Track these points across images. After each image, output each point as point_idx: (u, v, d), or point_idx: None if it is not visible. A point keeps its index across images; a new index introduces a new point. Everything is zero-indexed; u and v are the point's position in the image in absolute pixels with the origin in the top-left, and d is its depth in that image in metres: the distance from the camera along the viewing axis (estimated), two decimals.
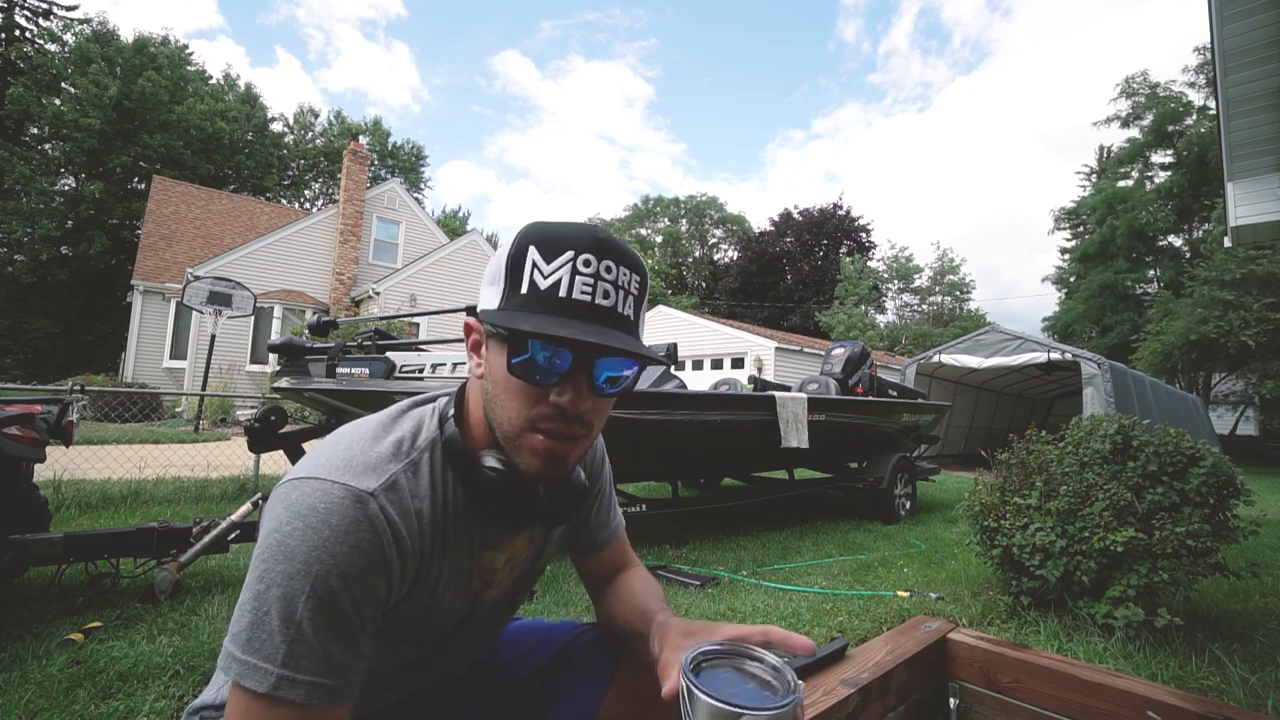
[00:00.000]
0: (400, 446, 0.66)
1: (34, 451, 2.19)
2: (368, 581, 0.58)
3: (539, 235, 0.62)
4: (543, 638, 0.93)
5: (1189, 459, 2.35)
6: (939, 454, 10.96)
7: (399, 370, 3.07)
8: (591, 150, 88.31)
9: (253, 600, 0.56)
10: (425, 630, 0.71)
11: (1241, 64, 3.80)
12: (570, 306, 0.60)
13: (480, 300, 0.67)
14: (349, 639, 0.58)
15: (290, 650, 0.54)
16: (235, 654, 0.55)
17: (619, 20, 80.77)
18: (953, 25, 78.12)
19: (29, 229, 21.82)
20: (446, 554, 0.69)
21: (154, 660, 1.79)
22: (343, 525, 0.57)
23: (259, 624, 0.55)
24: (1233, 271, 12.40)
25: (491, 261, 0.66)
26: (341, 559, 0.56)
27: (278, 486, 0.61)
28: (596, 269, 0.61)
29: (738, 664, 0.61)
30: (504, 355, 0.62)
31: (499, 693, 0.89)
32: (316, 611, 0.55)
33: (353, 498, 0.59)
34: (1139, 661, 2.01)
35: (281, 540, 0.56)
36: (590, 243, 0.61)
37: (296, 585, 0.55)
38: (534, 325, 0.58)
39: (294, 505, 0.58)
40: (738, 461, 4.63)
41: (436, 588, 0.69)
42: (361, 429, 0.68)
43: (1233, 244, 5.25)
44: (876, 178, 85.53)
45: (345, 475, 0.60)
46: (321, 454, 0.63)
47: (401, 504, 0.62)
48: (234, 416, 11.57)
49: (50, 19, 24.07)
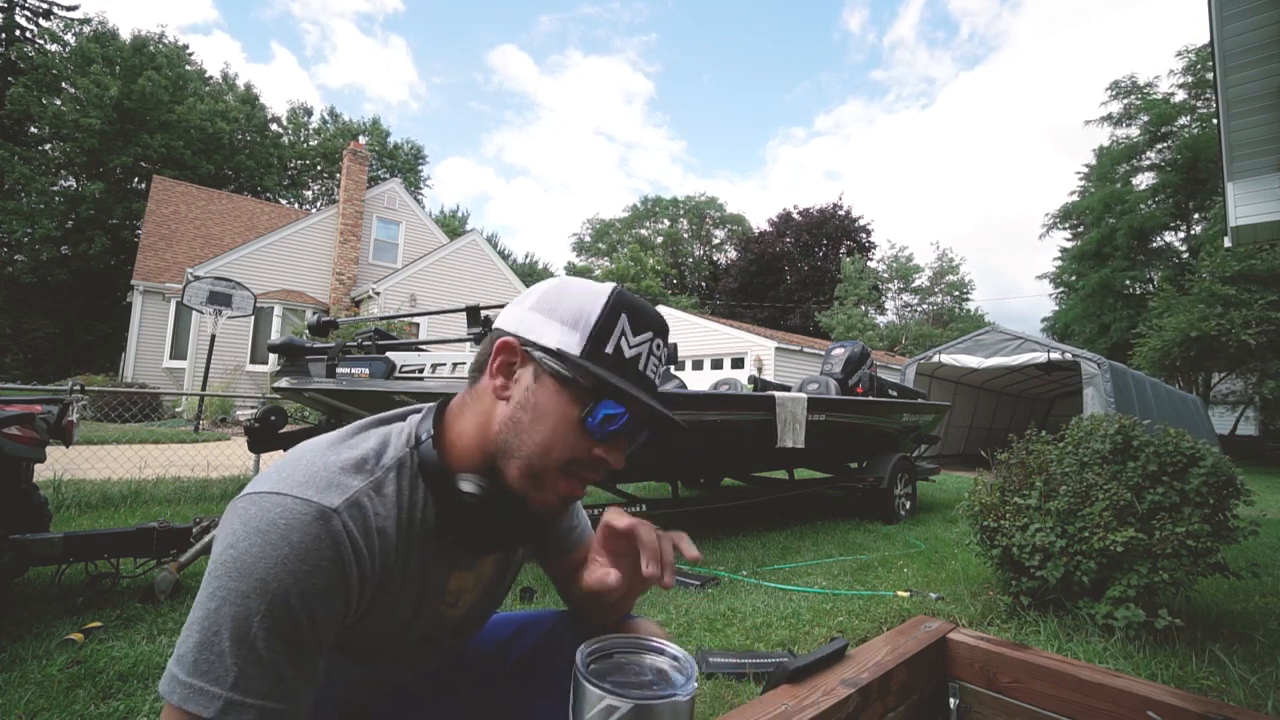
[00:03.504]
0: (364, 464, 0.64)
1: (34, 451, 2.19)
2: (326, 600, 0.57)
3: (631, 307, 0.68)
4: (525, 627, 0.93)
5: (1189, 459, 2.35)
6: (939, 454, 10.97)
7: (399, 370, 3.08)
8: (591, 148, 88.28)
9: (202, 620, 0.53)
10: (382, 646, 0.70)
11: (1241, 64, 3.80)
12: (644, 381, 0.68)
13: (536, 332, 0.67)
14: (303, 660, 0.56)
15: (241, 672, 0.52)
16: (180, 676, 0.52)
17: (619, 15, 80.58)
18: (961, 16, 77.49)
19: (29, 229, 21.83)
20: (408, 575, 0.67)
21: (154, 660, 1.79)
22: (304, 542, 0.55)
23: (208, 644, 0.52)
24: (1232, 267, 12.42)
25: (564, 302, 0.67)
26: (301, 577, 0.55)
27: (234, 502, 0.59)
28: (660, 351, 0.70)
29: (641, 656, 0.63)
30: (565, 397, 0.65)
31: (482, 684, 0.89)
32: (271, 631, 0.53)
33: (315, 513, 0.57)
34: (1139, 662, 2.01)
35: (237, 557, 0.54)
36: (664, 328, 0.71)
37: (252, 604, 0.53)
38: (633, 391, 0.65)
39: (252, 520, 0.56)
40: (738, 461, 4.63)
41: (396, 607, 0.68)
42: (321, 445, 0.66)
43: (1233, 244, 5.25)
44: (877, 176, 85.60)
45: (307, 490, 0.58)
46: (281, 469, 0.61)
47: (364, 521, 0.61)
48: (234, 416, 11.58)
49: (50, 19, 24.10)
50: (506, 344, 0.67)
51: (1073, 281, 23.94)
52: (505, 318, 0.70)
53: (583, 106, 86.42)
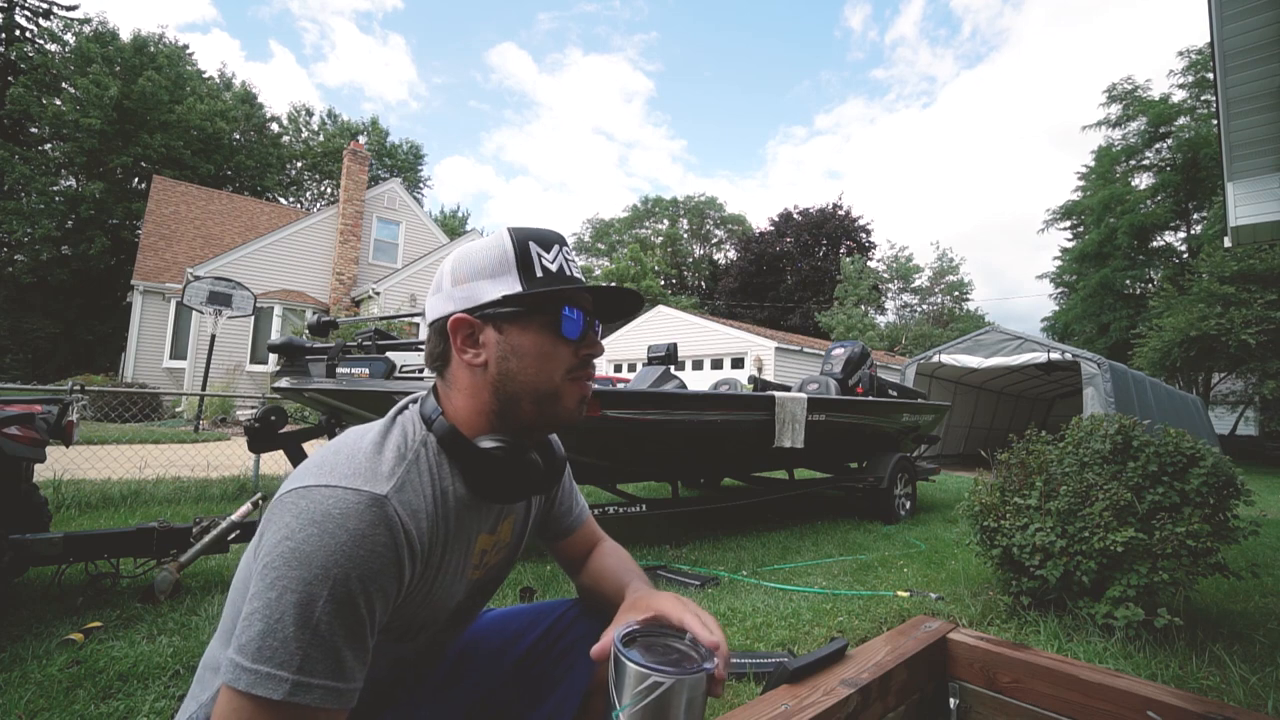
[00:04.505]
0: (400, 450, 0.69)
1: (34, 451, 2.19)
2: (384, 582, 0.60)
3: (531, 234, 0.76)
4: (530, 621, 0.96)
5: (1189, 459, 2.35)
6: (939, 454, 10.97)
7: (399, 370, 3.08)
8: (590, 146, 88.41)
9: (264, 609, 0.56)
10: (424, 622, 0.73)
11: (1241, 64, 3.80)
12: (576, 281, 0.77)
13: (474, 298, 0.73)
14: (361, 641, 0.59)
15: (306, 655, 0.55)
16: (244, 664, 0.54)
17: (619, 12, 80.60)
18: (963, 13, 77.28)
19: (29, 229, 21.83)
20: (448, 545, 0.71)
21: (154, 660, 1.79)
22: (360, 529, 0.59)
23: (271, 631, 0.55)
24: (1231, 267, 12.41)
25: (477, 262, 0.75)
26: (360, 561, 0.58)
27: (280, 497, 0.62)
28: (571, 256, 0.79)
29: (664, 639, 0.71)
30: (533, 328, 0.73)
31: (491, 678, 0.91)
32: (334, 615, 0.56)
33: (368, 501, 0.60)
34: (1139, 661, 2.01)
35: (295, 547, 0.57)
36: (564, 239, 0.79)
37: (315, 589, 0.55)
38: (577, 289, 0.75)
39: (305, 512, 0.59)
40: (738, 461, 4.63)
41: (439, 579, 0.72)
42: (362, 437, 0.70)
43: (1232, 244, 5.25)
44: (878, 176, 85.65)
45: (356, 480, 0.62)
46: (324, 463, 0.65)
47: (411, 504, 0.65)
48: (234, 416, 11.58)
49: (50, 19, 24.09)
50: (459, 321, 0.73)
51: (1073, 281, 23.91)
52: (434, 308, 0.77)
53: (582, 105, 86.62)
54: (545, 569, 2.92)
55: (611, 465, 3.62)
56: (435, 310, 0.76)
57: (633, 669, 0.61)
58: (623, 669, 0.62)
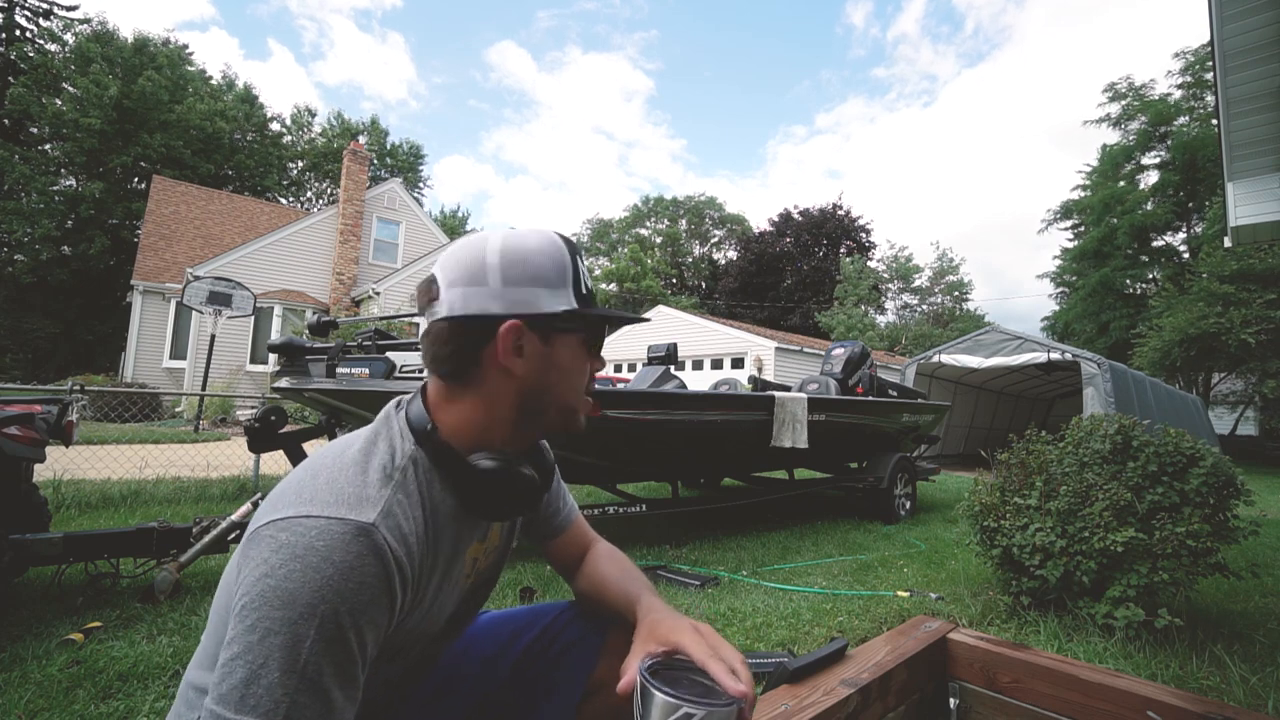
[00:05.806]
0: (385, 470, 0.64)
1: (34, 451, 2.19)
2: (374, 614, 0.57)
3: (574, 245, 0.76)
4: (526, 623, 0.95)
5: (1189, 459, 2.35)
6: (939, 454, 10.97)
7: (399, 370, 3.08)
8: (589, 146, 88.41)
9: (245, 653, 0.52)
10: (416, 639, 0.71)
11: (1241, 64, 3.80)
12: (595, 298, 0.78)
13: (531, 304, 0.69)
14: (352, 680, 0.56)
15: (294, 701, 0.51)
16: (226, 715, 0.51)
17: (618, 10, 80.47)
18: (966, 10, 76.90)
19: (29, 229, 21.83)
20: (438, 565, 0.69)
21: (154, 660, 1.79)
22: (346, 561, 0.55)
23: (255, 679, 0.51)
24: (1231, 266, 12.41)
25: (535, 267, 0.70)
26: (348, 595, 0.54)
27: (256, 530, 0.58)
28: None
29: (690, 671, 0.68)
30: (578, 344, 0.74)
31: (487, 682, 0.91)
32: (322, 655, 0.53)
33: (354, 531, 0.56)
34: (1139, 661, 2.01)
35: (277, 585, 0.53)
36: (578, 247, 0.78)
37: (301, 629, 0.52)
38: (615, 314, 0.78)
39: (286, 546, 0.54)
40: (738, 461, 4.63)
41: (434, 600, 0.69)
42: (341, 455, 0.65)
43: (1233, 244, 5.25)
44: (878, 175, 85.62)
45: (340, 508, 0.58)
46: (304, 489, 0.60)
47: (400, 529, 0.61)
48: (234, 416, 11.57)
49: (50, 19, 24.09)
50: (513, 327, 0.68)
51: (1073, 281, 23.90)
52: (470, 302, 0.68)
53: (582, 104, 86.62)
54: (545, 569, 2.92)
55: (611, 465, 3.62)
56: (472, 305, 0.68)
57: (661, 699, 0.60)
58: (650, 699, 0.61)
